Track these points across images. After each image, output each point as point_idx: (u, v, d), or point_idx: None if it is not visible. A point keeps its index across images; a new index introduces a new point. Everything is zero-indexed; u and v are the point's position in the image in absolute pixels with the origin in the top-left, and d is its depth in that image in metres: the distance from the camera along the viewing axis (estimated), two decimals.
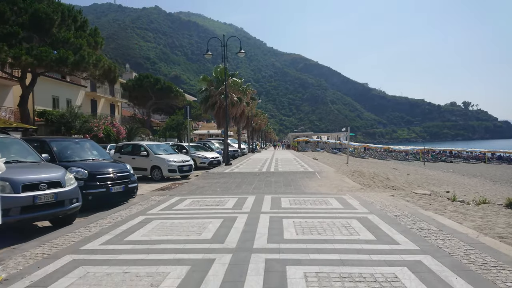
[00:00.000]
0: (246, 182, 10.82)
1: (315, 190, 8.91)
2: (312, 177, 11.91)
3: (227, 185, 10.16)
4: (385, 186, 11.51)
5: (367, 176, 12.33)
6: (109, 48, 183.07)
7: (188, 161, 12.64)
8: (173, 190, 9.48)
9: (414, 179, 18.17)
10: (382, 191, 8.74)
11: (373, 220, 5.06)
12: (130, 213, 5.96)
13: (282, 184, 10.11)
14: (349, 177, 11.95)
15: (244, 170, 14.74)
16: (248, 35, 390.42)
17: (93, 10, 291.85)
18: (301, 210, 5.84)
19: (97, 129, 29.85)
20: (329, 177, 11.72)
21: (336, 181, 10.70)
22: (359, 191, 8.62)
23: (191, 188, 9.74)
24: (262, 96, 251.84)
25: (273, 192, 8.50)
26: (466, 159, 43.69)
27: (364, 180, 11.61)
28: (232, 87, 21.94)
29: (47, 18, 19.79)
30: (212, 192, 8.63)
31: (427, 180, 18.99)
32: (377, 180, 11.95)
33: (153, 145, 13.37)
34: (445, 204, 7.25)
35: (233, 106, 21.71)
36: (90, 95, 36.51)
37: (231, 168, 15.54)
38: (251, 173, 13.33)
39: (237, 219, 5.19)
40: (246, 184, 10.25)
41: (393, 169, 24.98)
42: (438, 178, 20.49)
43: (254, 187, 9.54)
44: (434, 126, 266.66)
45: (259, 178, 11.78)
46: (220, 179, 11.83)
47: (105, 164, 7.57)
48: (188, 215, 5.62)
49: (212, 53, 16.99)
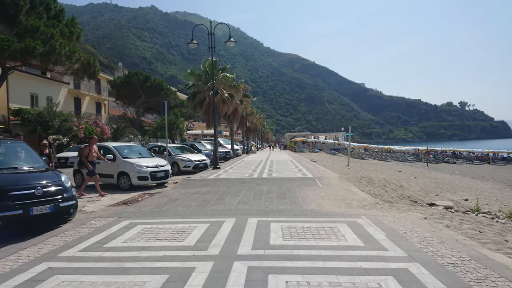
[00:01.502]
0: (231, 192, 8.77)
1: (317, 205, 6.88)
2: (312, 185, 9.89)
3: (207, 198, 8.10)
4: (400, 197, 9.53)
5: (377, 184, 10.34)
6: (105, 48, 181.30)
7: (163, 166, 10.57)
8: (134, 206, 7.40)
9: (424, 184, 16.21)
10: (406, 208, 6.71)
11: (426, 281, 2.93)
12: (19, 259, 3.72)
13: (276, 196, 8.07)
14: (356, 185, 9.95)
15: (232, 175, 12.69)
16: (244, 35, 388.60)
17: (89, 10, 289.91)
18: (300, 253, 3.70)
19: (78, 129, 27.66)
20: (332, 185, 9.72)
21: (341, 191, 8.69)
22: (374, 207, 6.60)
23: (160, 202, 7.67)
24: (259, 96, 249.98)
25: (262, 210, 6.45)
26: (470, 160, 41.97)
27: (374, 189, 9.62)
28: (223, 83, 19.87)
29: (12, 3, 17.61)
30: (181, 211, 6.57)
31: (438, 185, 17.06)
32: (390, 189, 9.96)
33: (123, 146, 11.27)
34: (500, 230, 5.23)
35: (223, 103, 19.63)
36: (73, 92, 34.23)
37: (218, 173, 13.48)
38: (240, 179, 11.29)
39: (191, 277, 3.09)
40: (230, 196, 8.20)
41: (398, 172, 23.07)
42: (449, 182, 18.59)
43: (240, 201, 7.49)
44: (431, 126, 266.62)
45: (248, 186, 9.74)
46: (202, 187, 9.77)
47: (28, 175, 5.48)
48: (112, 267, 3.42)
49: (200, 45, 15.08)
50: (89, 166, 9.06)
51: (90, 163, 9.12)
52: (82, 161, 9.11)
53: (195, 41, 14.96)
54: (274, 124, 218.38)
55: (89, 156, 9.14)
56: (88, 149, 9.16)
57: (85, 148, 9.26)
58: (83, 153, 9.13)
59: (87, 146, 9.27)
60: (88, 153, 9.13)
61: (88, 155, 9.13)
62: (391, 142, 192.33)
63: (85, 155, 9.11)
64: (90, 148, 9.18)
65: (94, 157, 9.29)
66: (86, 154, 9.12)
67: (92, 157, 9.19)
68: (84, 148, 9.27)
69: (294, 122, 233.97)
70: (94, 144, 9.41)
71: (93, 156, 9.23)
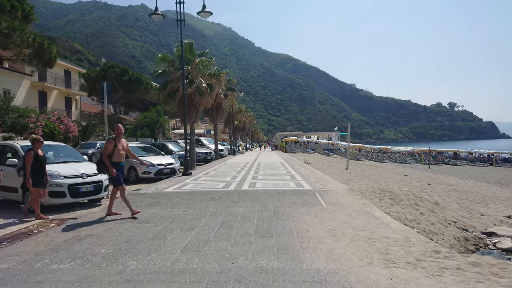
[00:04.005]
0: (185, 220, 5.49)
1: (327, 258, 3.66)
2: (311, 203, 6.70)
3: (138, 233, 4.78)
4: (443, 222, 6.43)
5: (406, 201, 7.18)
6: (93, 46, 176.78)
7: (93, 175, 7.17)
8: None
9: (445, 192, 13.21)
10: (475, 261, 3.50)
11: None
12: None
13: (255, 230, 4.82)
14: (377, 204, 6.79)
15: (202, 186, 9.40)
16: (236, 34, 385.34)
17: (78, 8, 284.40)
18: None
19: (35, 126, 23.81)
20: (342, 205, 6.54)
21: (360, 218, 5.51)
22: (437, 263, 3.43)
23: (38, 250, 4.31)
24: (251, 96, 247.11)
25: (223, 270, 3.22)
26: (472, 161, 39.62)
27: (405, 211, 6.47)
28: (201, 70, 16.51)
29: None
30: (51, 279, 3.27)
31: (459, 193, 14.09)
32: (425, 209, 6.84)
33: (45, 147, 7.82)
34: None
35: (201, 95, 16.26)
36: (37, 85, 30.20)
37: (185, 182, 10.16)
38: (210, 194, 8.02)
39: None
40: (179, 230, 4.91)
41: (404, 176, 20.16)
42: (469, 190, 15.67)
43: (189, 245, 4.19)
44: (421, 126, 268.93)
45: (216, 207, 6.47)
46: (146, 209, 6.46)
47: None
48: None
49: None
50: (113, 170, 5.75)
51: (115, 166, 5.80)
52: (103, 163, 5.78)
53: (159, 12, 11.61)
54: (265, 124, 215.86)
55: (114, 155, 5.81)
56: (113, 144, 5.82)
57: (108, 142, 5.91)
58: (105, 150, 5.82)
59: (111, 139, 5.94)
60: (112, 150, 5.79)
61: (113, 153, 5.80)
62: (381, 142, 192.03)
63: (108, 153, 5.77)
64: (115, 143, 5.84)
65: (122, 157, 5.97)
66: (109, 151, 5.78)
67: (119, 156, 5.87)
68: (107, 143, 5.92)
69: (286, 122, 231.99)
70: (120, 137, 6.01)
71: (121, 154, 5.91)
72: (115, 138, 5.99)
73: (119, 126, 6.14)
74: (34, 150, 6.17)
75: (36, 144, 6.30)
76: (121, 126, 6.20)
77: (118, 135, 6.03)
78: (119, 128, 6.12)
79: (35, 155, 6.14)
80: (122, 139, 6.04)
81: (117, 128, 6.10)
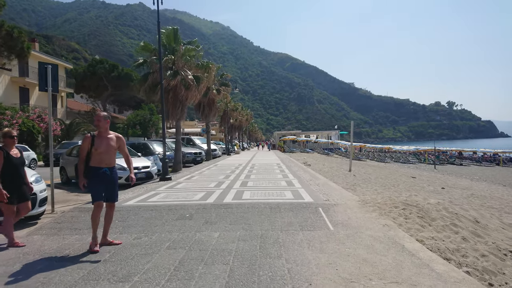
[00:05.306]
0: (121, 263, 3.63)
1: None
2: (313, 225, 4.89)
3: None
4: (496, 252, 4.63)
5: (439, 221, 5.37)
6: (91, 45, 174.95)
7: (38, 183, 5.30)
8: None
9: (466, 199, 11.44)
10: None
11: None
12: None
13: (226, 283, 3.03)
14: (402, 224, 5.00)
15: (175, 197, 7.57)
16: (234, 33, 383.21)
17: (76, 7, 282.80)
18: None
19: (10, 124, 21.88)
20: (356, 228, 4.74)
21: (388, 253, 3.71)
22: None
23: None
24: (249, 95, 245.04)
25: None
26: (477, 161, 37.93)
27: (444, 238, 4.67)
28: (187, 61, 14.65)
29: None
30: None
31: (479, 200, 12.30)
32: (467, 232, 5.04)
33: None
34: None
35: (187, 88, 14.41)
36: (17, 81, 28.19)
37: (157, 191, 8.33)
38: (181, 208, 6.19)
39: None
40: (107, 282, 3.11)
41: (412, 178, 18.40)
42: (489, 195, 13.90)
43: None
44: (419, 125, 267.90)
45: (181, 232, 4.65)
46: (81, 235, 4.65)
47: None
48: None
49: None
50: (81, 178, 4.05)
51: (94, 172, 4.06)
52: None
53: None
54: (264, 123, 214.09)
55: (93, 158, 4.06)
56: (89, 142, 4.04)
57: (83, 140, 4.13)
58: (80, 151, 4.12)
59: (89, 136, 4.10)
60: (88, 150, 4.05)
61: (90, 154, 4.06)
62: (380, 141, 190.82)
63: (84, 156, 4.07)
64: (93, 141, 4.04)
65: (107, 160, 4.12)
66: (84, 152, 4.07)
67: (99, 159, 4.08)
68: (83, 140, 4.15)
69: (284, 122, 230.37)
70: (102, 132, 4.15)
71: (103, 157, 4.08)
72: (96, 133, 4.13)
73: (100, 116, 4.15)
74: (4, 150, 4.28)
75: (7, 141, 4.37)
76: (103, 115, 4.17)
77: (98, 130, 4.15)
78: (100, 118, 4.13)
79: (6, 156, 4.25)
80: (110, 135, 4.17)
81: (97, 119, 4.13)
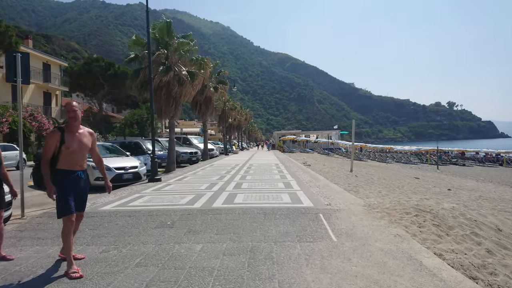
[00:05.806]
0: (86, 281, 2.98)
1: None
2: (313, 236, 4.18)
3: None
4: None
5: (456, 228, 4.68)
6: (91, 45, 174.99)
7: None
8: None
9: (475, 202, 10.74)
10: None
11: None
12: None
13: None
14: (416, 234, 4.31)
15: (160, 200, 6.87)
16: (234, 33, 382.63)
17: (76, 7, 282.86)
18: None
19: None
20: (362, 239, 4.04)
21: (404, 273, 3.00)
22: None
23: None
24: (249, 95, 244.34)
25: None
26: (480, 161, 37.24)
27: (466, 250, 3.96)
28: (182, 56, 13.97)
29: None
30: None
31: (490, 202, 11.59)
32: (491, 242, 4.35)
33: None
34: None
35: (181, 85, 13.74)
36: None
37: (142, 193, 7.64)
38: (164, 214, 5.50)
39: None
40: None
41: (415, 179, 17.72)
42: (498, 197, 13.18)
43: None
44: (420, 126, 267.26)
45: (158, 244, 3.95)
46: (46, 247, 3.96)
47: None
48: None
49: None
50: (49, 186, 3.24)
51: (64, 176, 3.29)
52: None
53: None
54: (264, 123, 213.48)
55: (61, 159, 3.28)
56: (57, 139, 3.24)
57: (49, 136, 3.30)
58: (44, 150, 3.32)
59: (56, 130, 3.30)
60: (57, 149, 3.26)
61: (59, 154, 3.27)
62: (380, 141, 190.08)
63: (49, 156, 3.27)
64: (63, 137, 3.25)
65: (80, 161, 3.39)
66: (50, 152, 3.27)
67: (71, 160, 3.31)
68: (48, 136, 3.31)
69: (284, 122, 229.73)
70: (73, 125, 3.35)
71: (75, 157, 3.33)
72: (65, 128, 3.35)
73: (76, 106, 3.38)
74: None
75: None
76: (76, 106, 3.39)
77: (70, 123, 3.36)
78: (75, 108, 3.35)
79: None
80: (81, 131, 3.41)
81: (72, 109, 3.34)
